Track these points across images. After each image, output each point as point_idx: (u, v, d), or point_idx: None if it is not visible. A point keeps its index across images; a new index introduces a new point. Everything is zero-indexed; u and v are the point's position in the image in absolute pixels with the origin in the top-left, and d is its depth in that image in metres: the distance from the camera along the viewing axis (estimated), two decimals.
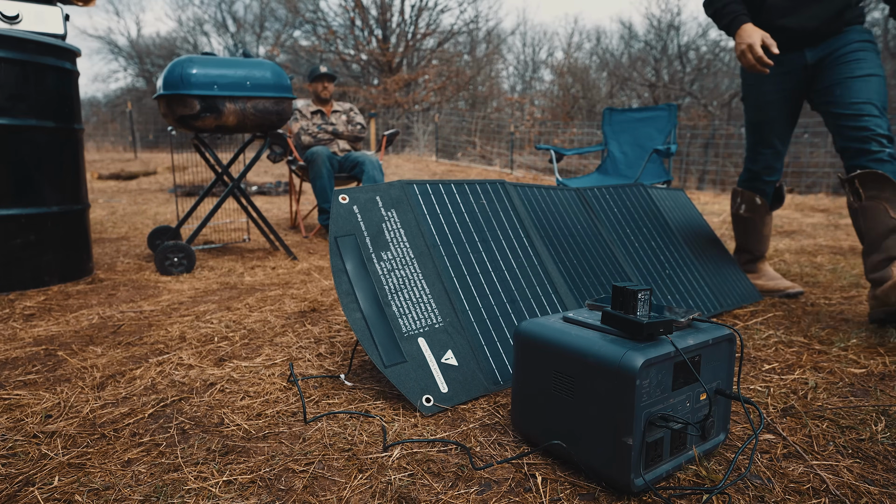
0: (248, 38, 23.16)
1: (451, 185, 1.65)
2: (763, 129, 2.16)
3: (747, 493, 0.92)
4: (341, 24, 20.77)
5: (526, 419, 1.07)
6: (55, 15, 2.45)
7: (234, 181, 2.96)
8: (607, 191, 2.14)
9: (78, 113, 2.50)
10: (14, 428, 1.16)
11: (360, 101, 18.33)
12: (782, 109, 2.11)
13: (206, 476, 0.98)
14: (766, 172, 2.21)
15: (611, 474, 0.90)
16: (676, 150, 3.40)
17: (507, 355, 1.41)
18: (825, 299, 2.18)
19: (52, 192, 2.35)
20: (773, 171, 2.21)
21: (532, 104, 20.86)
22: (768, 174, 2.22)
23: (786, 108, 2.10)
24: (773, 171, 2.21)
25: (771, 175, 2.22)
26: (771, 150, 2.18)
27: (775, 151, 2.18)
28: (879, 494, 0.92)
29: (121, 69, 32.38)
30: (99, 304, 2.13)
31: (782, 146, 2.18)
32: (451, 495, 0.92)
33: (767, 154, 2.18)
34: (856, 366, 1.49)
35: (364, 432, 1.14)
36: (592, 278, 1.77)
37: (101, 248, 3.36)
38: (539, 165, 12.13)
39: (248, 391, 1.34)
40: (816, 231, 4.28)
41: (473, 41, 21.42)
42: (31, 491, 0.94)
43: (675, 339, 0.94)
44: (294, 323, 1.89)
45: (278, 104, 2.82)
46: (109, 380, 1.41)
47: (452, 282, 1.46)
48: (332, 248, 1.36)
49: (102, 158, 11.29)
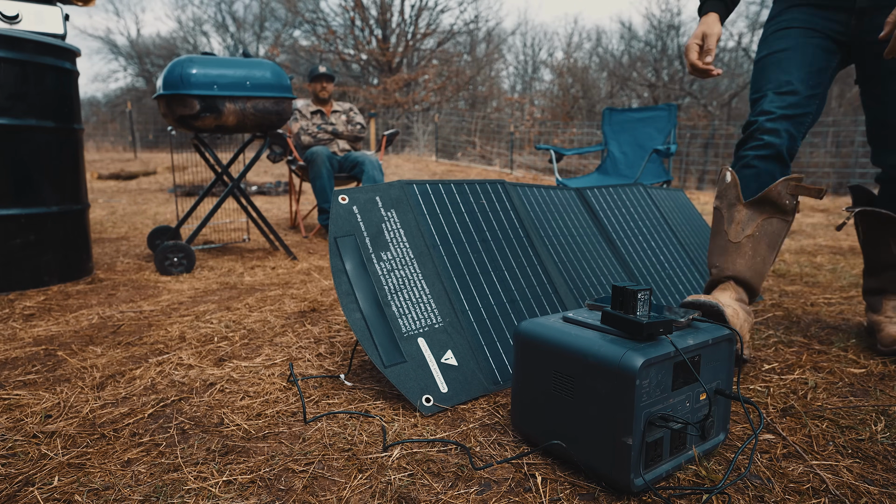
0: (247, 38, 23.17)
1: (451, 185, 1.65)
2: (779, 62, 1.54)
3: (747, 493, 0.92)
4: (341, 24, 20.78)
5: (526, 419, 1.07)
6: (55, 15, 2.45)
7: (234, 181, 2.96)
8: (607, 191, 2.14)
9: (78, 113, 2.50)
10: (14, 428, 1.16)
11: (360, 100, 18.33)
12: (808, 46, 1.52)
13: (205, 476, 0.98)
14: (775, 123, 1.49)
15: (610, 474, 0.90)
16: (676, 150, 3.41)
17: (507, 355, 1.41)
18: (825, 299, 2.18)
19: (52, 192, 2.35)
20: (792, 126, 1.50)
21: (532, 104, 20.86)
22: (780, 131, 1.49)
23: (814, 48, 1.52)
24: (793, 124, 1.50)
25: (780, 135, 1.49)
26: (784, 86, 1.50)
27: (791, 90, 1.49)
28: (879, 494, 0.92)
29: (120, 69, 32.40)
30: (99, 304, 2.13)
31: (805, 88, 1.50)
32: (450, 495, 0.92)
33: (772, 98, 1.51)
34: (855, 366, 1.49)
35: (364, 432, 1.14)
36: (592, 278, 1.77)
37: (101, 248, 3.35)
38: (539, 165, 12.14)
39: (248, 391, 1.34)
40: (816, 231, 4.28)
41: (473, 41, 21.43)
42: (30, 491, 0.94)
43: (674, 339, 0.94)
44: (294, 323, 1.89)
45: (278, 104, 2.82)
46: (109, 380, 1.41)
47: (452, 282, 1.46)
48: (331, 248, 1.36)
49: (102, 158, 11.29)
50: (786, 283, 2.47)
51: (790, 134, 1.49)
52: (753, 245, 1.50)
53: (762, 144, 1.50)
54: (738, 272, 1.51)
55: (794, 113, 1.49)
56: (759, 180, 1.51)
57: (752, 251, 1.50)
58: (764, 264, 1.52)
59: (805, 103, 1.50)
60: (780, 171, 1.50)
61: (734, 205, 1.53)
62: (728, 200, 1.54)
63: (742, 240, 1.51)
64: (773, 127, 1.48)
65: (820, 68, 1.51)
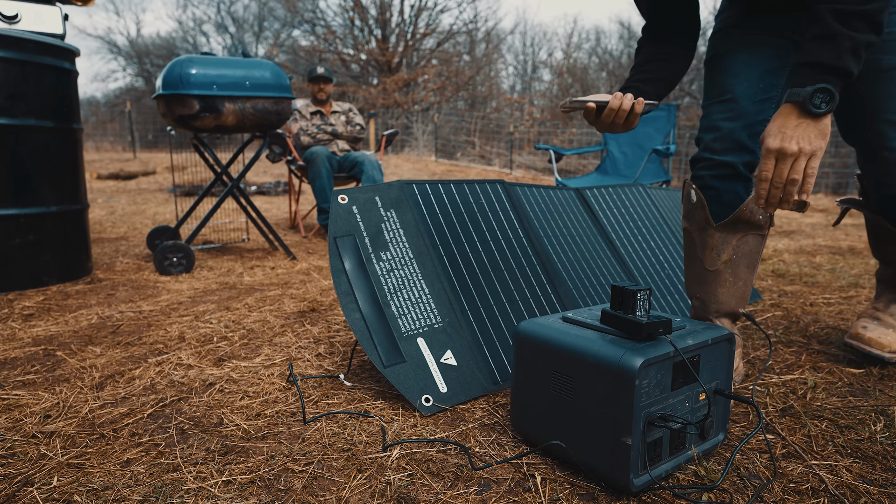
0: (247, 38, 23.17)
1: (451, 185, 1.65)
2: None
3: (746, 493, 0.92)
4: (340, 24, 20.79)
5: (525, 419, 1.07)
6: (54, 14, 2.44)
7: (234, 181, 2.96)
8: (606, 191, 2.14)
9: (77, 113, 2.50)
10: (13, 428, 1.16)
11: (360, 100, 18.33)
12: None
13: (205, 476, 0.98)
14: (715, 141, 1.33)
15: (610, 474, 0.90)
16: (675, 150, 3.41)
17: (507, 355, 1.41)
18: (824, 299, 2.18)
19: (51, 192, 2.35)
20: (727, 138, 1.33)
21: (531, 104, 20.86)
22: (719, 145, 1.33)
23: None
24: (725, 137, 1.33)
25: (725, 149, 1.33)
26: (727, 99, 1.33)
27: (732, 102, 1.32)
28: (878, 494, 0.92)
29: (120, 69, 32.42)
30: (98, 304, 2.12)
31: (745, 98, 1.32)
32: (450, 495, 0.92)
33: (717, 109, 1.35)
34: (855, 366, 1.49)
35: (363, 432, 1.14)
36: (591, 278, 1.77)
37: (100, 248, 3.35)
38: (538, 165, 12.14)
39: (248, 391, 1.34)
40: (815, 231, 4.29)
41: (473, 41, 21.43)
42: (30, 491, 0.94)
43: (674, 339, 0.94)
44: (293, 323, 1.89)
45: (277, 104, 2.82)
46: (108, 380, 1.41)
47: (452, 282, 1.46)
48: (331, 248, 1.36)
49: (101, 158, 11.28)
50: (785, 282, 2.48)
51: (743, 146, 1.31)
52: (732, 270, 1.37)
53: (715, 163, 1.33)
54: (722, 304, 1.39)
55: (745, 123, 1.31)
56: (722, 201, 1.35)
57: (731, 277, 1.38)
58: (745, 286, 1.40)
59: (759, 110, 1.31)
60: (742, 187, 1.34)
61: (705, 228, 1.37)
62: (697, 223, 1.39)
63: (719, 266, 1.37)
64: (722, 146, 1.32)
65: (771, 68, 1.32)
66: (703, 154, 1.35)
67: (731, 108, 1.31)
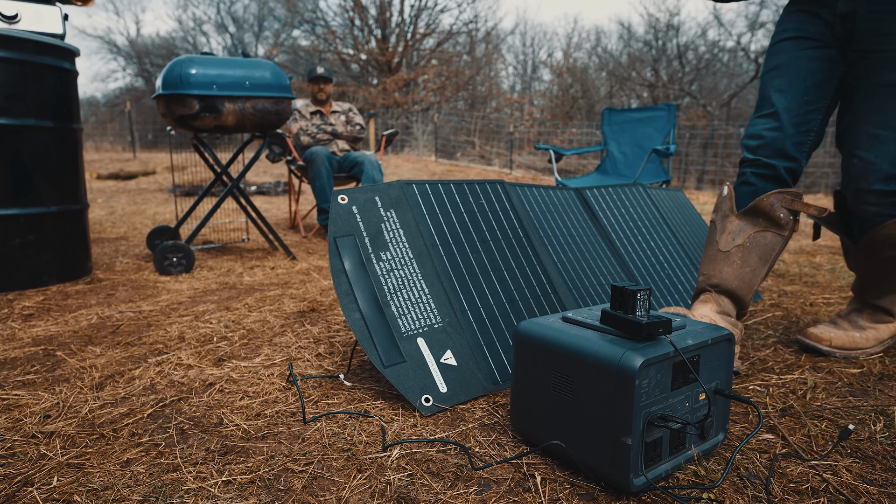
0: (247, 38, 23.17)
1: (451, 185, 1.65)
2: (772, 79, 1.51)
3: (746, 493, 0.92)
4: (340, 24, 20.79)
5: (525, 419, 1.07)
6: (54, 14, 2.44)
7: (233, 181, 2.96)
8: (606, 191, 2.14)
9: (77, 112, 2.50)
10: (13, 428, 1.16)
11: (360, 100, 18.32)
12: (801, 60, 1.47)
13: (205, 476, 0.98)
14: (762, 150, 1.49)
15: (610, 474, 0.90)
16: (675, 150, 3.41)
17: (506, 355, 1.41)
18: (824, 299, 2.18)
19: (51, 192, 2.35)
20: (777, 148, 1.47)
21: (531, 104, 20.86)
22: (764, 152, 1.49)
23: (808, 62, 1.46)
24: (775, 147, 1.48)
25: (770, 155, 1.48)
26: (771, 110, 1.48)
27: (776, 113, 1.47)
28: (878, 494, 0.92)
29: (120, 69, 32.41)
30: (98, 304, 2.12)
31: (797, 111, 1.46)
32: (450, 495, 0.92)
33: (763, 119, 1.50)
34: (854, 365, 1.49)
35: (363, 432, 1.14)
36: (591, 278, 1.77)
37: (100, 248, 3.35)
38: (538, 165, 12.14)
39: (248, 391, 1.34)
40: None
41: (473, 41, 21.43)
42: (29, 491, 0.94)
43: (674, 339, 0.94)
44: (293, 323, 1.89)
45: (277, 104, 2.82)
46: (108, 380, 1.41)
47: (451, 282, 1.46)
48: (331, 248, 1.36)
49: (101, 158, 11.28)
50: (785, 282, 2.48)
51: (786, 155, 1.46)
52: (743, 255, 1.45)
53: (760, 164, 1.48)
54: (724, 280, 1.46)
55: (787, 134, 1.45)
56: (754, 196, 1.48)
57: (740, 260, 1.45)
58: (753, 275, 1.46)
59: (802, 122, 1.45)
60: (777, 189, 1.47)
61: (727, 216, 1.50)
62: (722, 212, 1.52)
63: (731, 249, 1.47)
64: (765, 152, 1.47)
65: (818, 82, 1.45)
66: (749, 156, 1.50)
67: (775, 121, 1.47)
